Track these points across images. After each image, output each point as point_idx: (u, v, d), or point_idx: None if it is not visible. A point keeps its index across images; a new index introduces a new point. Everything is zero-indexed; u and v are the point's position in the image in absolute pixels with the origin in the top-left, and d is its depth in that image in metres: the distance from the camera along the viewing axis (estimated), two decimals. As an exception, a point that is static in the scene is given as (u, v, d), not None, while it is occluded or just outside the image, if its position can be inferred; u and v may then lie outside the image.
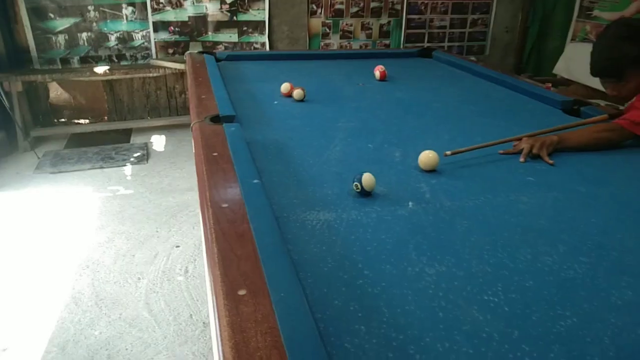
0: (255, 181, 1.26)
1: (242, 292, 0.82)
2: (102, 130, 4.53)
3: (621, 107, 1.81)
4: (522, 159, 1.56)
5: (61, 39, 4.33)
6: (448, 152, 1.52)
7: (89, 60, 4.45)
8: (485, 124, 1.93)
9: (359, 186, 1.29)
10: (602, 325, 0.86)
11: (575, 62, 4.33)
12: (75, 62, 4.42)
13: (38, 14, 4.19)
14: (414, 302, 0.90)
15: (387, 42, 5.05)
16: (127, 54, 4.54)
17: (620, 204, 1.32)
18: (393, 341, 0.79)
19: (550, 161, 1.55)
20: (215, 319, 0.79)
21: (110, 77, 4.45)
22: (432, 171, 1.48)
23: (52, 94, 4.51)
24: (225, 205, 1.13)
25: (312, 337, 0.73)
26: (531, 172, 1.50)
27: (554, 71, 4.67)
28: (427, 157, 1.48)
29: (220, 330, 0.75)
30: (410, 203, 1.29)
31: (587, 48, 1.80)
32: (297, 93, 2.13)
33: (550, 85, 3.23)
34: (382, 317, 0.85)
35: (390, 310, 0.87)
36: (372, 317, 0.85)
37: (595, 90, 3.04)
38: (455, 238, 1.12)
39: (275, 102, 2.14)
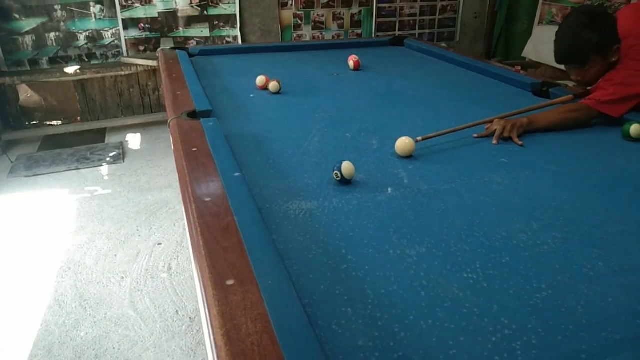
0: (237, 174, 1.27)
1: (230, 282, 0.85)
2: (75, 131, 4.46)
3: (588, 88, 1.87)
4: (494, 142, 1.61)
5: (28, 39, 4.24)
6: (419, 138, 1.55)
7: (58, 61, 4.37)
8: (458, 108, 1.98)
9: (339, 174, 1.32)
10: (576, 295, 0.90)
11: (543, 44, 4.41)
12: (44, 63, 4.33)
13: (2, 14, 4.09)
14: (396, 283, 0.93)
15: (359, 31, 5.07)
16: (98, 53, 4.47)
17: (589, 181, 1.38)
18: (378, 321, 0.83)
19: (520, 142, 1.60)
20: (205, 309, 0.81)
21: (81, 77, 4.38)
22: (409, 157, 1.51)
23: (22, 97, 4.41)
24: (208, 199, 1.15)
25: (300, 321, 0.76)
26: (504, 153, 1.55)
27: (523, 54, 4.76)
28: (403, 143, 1.51)
29: (211, 320, 0.77)
30: (389, 189, 1.32)
31: (554, 30, 1.86)
32: (273, 85, 2.14)
33: (519, 68, 3.30)
34: (367, 299, 0.88)
35: (374, 292, 0.90)
36: (358, 300, 0.88)
37: (564, 71, 3.11)
38: (434, 220, 1.16)
39: (252, 96, 2.15)
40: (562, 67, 1.94)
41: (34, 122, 4.50)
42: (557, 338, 0.80)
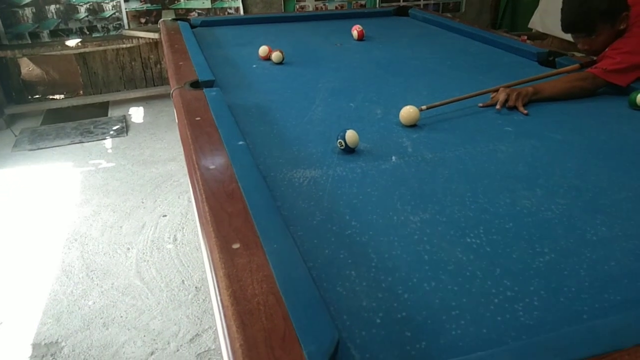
0: (240, 143, 1.27)
1: (235, 246, 0.85)
2: (78, 104, 4.45)
3: (594, 58, 1.85)
4: (498, 107, 1.60)
5: (28, 12, 4.20)
6: (423, 107, 1.54)
7: (59, 34, 4.33)
8: (463, 78, 1.96)
9: (343, 143, 1.31)
10: (578, 259, 0.91)
11: (549, 15, 4.34)
12: (45, 36, 4.30)
13: (2, -14, 4.04)
14: (400, 248, 0.94)
15: (362, 2, 5.00)
16: (99, 26, 4.43)
17: (594, 149, 1.37)
18: (382, 283, 0.84)
19: (525, 111, 1.59)
20: (211, 272, 0.82)
21: (82, 50, 4.35)
22: (413, 126, 1.51)
23: (23, 70, 4.39)
24: (212, 166, 1.15)
25: (305, 282, 0.77)
26: (509, 122, 1.54)
27: (529, 26, 4.68)
28: (407, 112, 1.50)
29: (218, 282, 0.78)
30: (393, 157, 1.32)
31: (561, 1, 1.83)
32: (276, 56, 2.13)
33: (525, 38, 3.25)
34: (370, 263, 0.89)
35: (378, 256, 0.91)
36: (362, 263, 0.89)
37: (571, 43, 3.07)
38: (438, 187, 1.16)
39: (254, 66, 2.14)
40: (569, 37, 1.92)
41: (37, 96, 4.49)
42: (559, 300, 0.81)
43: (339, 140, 1.32)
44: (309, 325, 0.67)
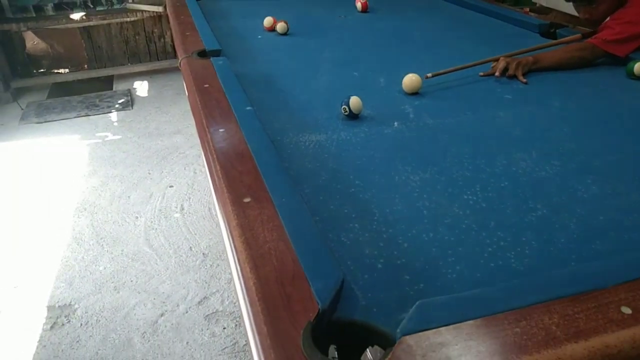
0: (248, 108, 1.32)
1: (247, 200, 0.91)
2: (83, 78, 4.48)
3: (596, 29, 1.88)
4: (497, 74, 1.64)
5: (32, -15, 4.20)
6: (429, 75, 1.58)
7: (63, 7, 4.33)
8: (465, 49, 1.99)
9: (347, 109, 1.36)
10: (569, 214, 0.97)
11: (554, -11, 4.32)
12: (49, 9, 4.31)
13: (5, -41, 4.03)
14: (401, 204, 0.99)
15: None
16: (102, -1, 4.43)
17: (590, 116, 1.42)
18: (384, 234, 0.90)
19: (524, 80, 1.63)
20: (225, 224, 0.88)
21: (87, 24, 4.36)
22: (415, 94, 1.55)
23: (28, 44, 4.41)
24: (222, 130, 1.20)
25: (312, 232, 0.83)
26: (509, 90, 1.58)
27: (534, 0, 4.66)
28: (410, 80, 1.54)
29: (231, 231, 0.84)
30: (395, 123, 1.37)
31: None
32: (281, 26, 2.16)
33: (528, 10, 3.26)
34: (373, 217, 0.95)
35: (380, 211, 0.97)
36: (365, 217, 0.95)
37: (574, 16, 3.08)
38: (438, 150, 1.22)
39: (259, 37, 2.17)
40: (573, 11, 1.94)
41: (42, 70, 4.51)
42: (549, 249, 0.86)
43: (342, 107, 1.37)
44: (316, 266, 0.73)
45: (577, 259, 0.84)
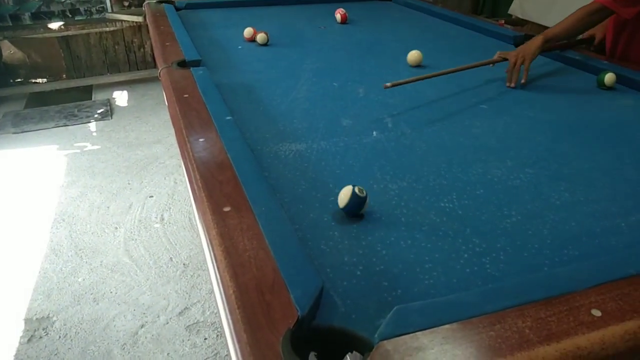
0: (228, 118, 1.33)
1: (227, 209, 0.92)
2: (61, 88, 4.44)
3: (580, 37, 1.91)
4: (511, 84, 1.70)
5: (9, -6, 4.16)
6: (388, 84, 1.58)
7: (41, 17, 4.30)
8: (442, 60, 2.03)
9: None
10: (542, 221, 0.99)
11: (529, 2, 4.43)
12: (26, 18, 4.26)
13: (-19, -33, 3.99)
14: (379, 212, 1.01)
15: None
16: (81, 9, 4.41)
17: (563, 125, 1.46)
18: (362, 241, 0.91)
19: (524, 80, 1.68)
20: (204, 232, 0.88)
21: (65, 33, 4.32)
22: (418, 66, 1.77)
23: (5, 53, 4.35)
24: (202, 139, 1.21)
25: (292, 240, 0.84)
26: (484, 100, 1.62)
27: (509, 12, 4.77)
28: (413, 55, 1.80)
29: (211, 240, 0.84)
30: (374, 132, 1.39)
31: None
32: (261, 37, 2.17)
33: (503, 22, 3.33)
34: (352, 225, 0.96)
35: (359, 219, 0.98)
36: (344, 225, 0.96)
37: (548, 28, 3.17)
38: (415, 159, 1.24)
39: (240, 47, 2.18)
40: (547, 24, 1.98)
41: (19, 80, 4.46)
42: (523, 255, 0.89)
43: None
44: (295, 274, 0.74)
45: (550, 263, 0.87)
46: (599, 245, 0.92)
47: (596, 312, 0.69)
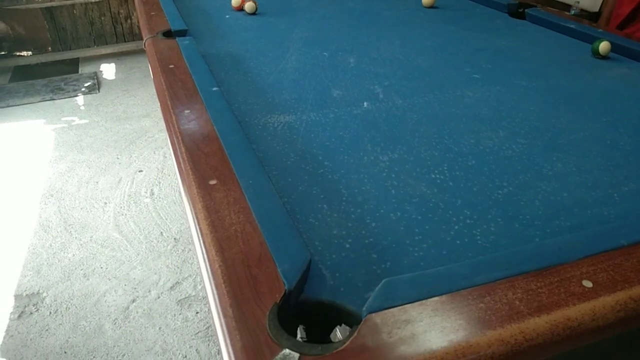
0: (215, 89, 1.30)
1: (212, 182, 0.90)
2: (47, 61, 4.34)
3: (567, 13, 1.89)
4: None
5: (-11, -37, 4.03)
6: None
7: (23, -14, 4.17)
8: (435, 28, 1.99)
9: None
10: (534, 191, 0.98)
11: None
12: (8, -12, 4.14)
13: None
14: (369, 184, 0.99)
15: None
16: (65, -22, 4.27)
17: (556, 94, 1.43)
18: (352, 214, 0.89)
19: None
20: (190, 206, 0.86)
21: (49, 4, 4.21)
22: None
23: (-13, 25, 4.24)
24: (187, 111, 1.18)
25: (280, 213, 0.82)
26: (477, 70, 1.59)
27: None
28: None
29: (196, 214, 0.83)
30: (365, 103, 1.36)
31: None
32: (249, 6, 2.12)
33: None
34: (341, 197, 0.95)
35: (348, 191, 0.97)
36: (333, 198, 0.94)
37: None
38: (406, 130, 1.21)
39: (227, 17, 2.12)
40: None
41: (3, 53, 4.35)
42: (514, 226, 0.88)
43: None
44: (283, 248, 0.73)
45: (541, 234, 0.86)
46: (590, 215, 0.91)
47: (587, 283, 0.68)
